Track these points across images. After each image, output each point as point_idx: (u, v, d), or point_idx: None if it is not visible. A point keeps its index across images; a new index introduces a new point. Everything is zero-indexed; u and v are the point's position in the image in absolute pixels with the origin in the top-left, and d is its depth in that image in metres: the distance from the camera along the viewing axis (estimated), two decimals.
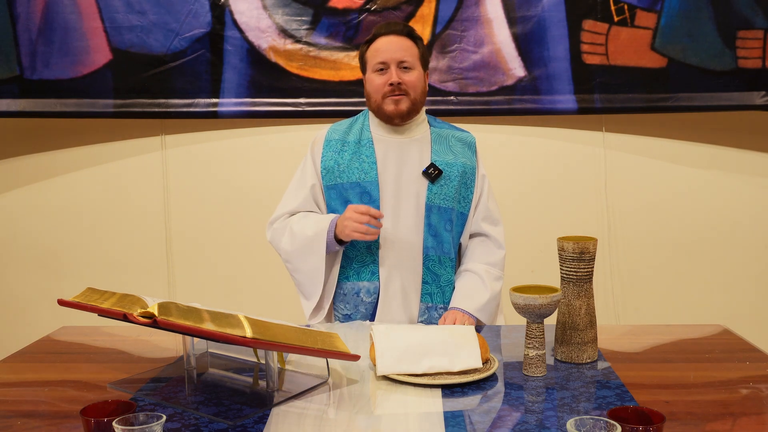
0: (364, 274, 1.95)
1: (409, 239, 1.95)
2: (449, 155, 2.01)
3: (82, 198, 3.03)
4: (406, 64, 1.95)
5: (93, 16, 2.81)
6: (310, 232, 1.91)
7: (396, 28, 1.98)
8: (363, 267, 1.95)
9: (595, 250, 1.53)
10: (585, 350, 1.54)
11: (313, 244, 1.91)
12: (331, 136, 2.03)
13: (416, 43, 1.99)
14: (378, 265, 1.94)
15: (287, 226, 1.98)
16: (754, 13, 2.70)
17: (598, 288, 2.84)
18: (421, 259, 1.95)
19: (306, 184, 2.01)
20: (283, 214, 2.02)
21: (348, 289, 1.97)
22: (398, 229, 1.95)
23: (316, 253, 1.91)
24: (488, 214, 2.06)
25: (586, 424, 1.03)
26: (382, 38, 1.97)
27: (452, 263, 1.99)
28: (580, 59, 2.78)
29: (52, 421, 1.27)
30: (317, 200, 2.01)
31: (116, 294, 1.43)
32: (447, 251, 1.97)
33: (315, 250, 1.91)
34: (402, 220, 1.96)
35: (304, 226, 1.94)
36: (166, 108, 2.86)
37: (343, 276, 1.97)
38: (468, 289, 1.96)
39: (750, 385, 1.41)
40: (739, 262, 2.98)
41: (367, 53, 1.99)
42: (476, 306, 1.91)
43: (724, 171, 2.95)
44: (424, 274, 1.95)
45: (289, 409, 1.30)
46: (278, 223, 2.02)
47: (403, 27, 1.99)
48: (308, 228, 1.93)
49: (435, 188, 1.96)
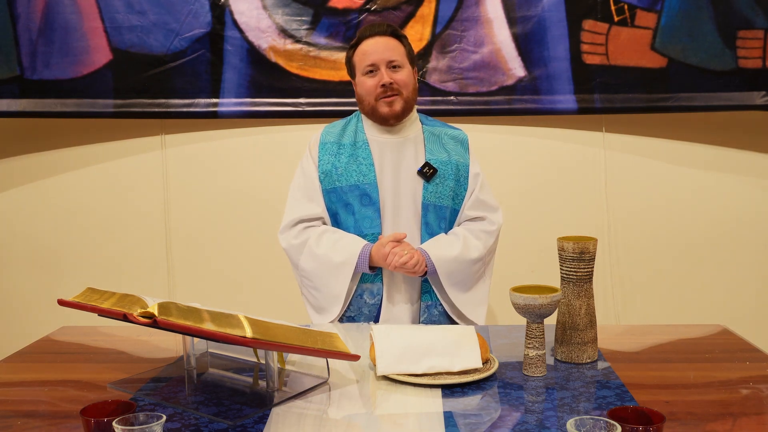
0: (368, 276, 1.96)
1: (408, 238, 1.95)
2: (443, 153, 2.01)
3: (82, 198, 3.03)
4: (395, 63, 1.95)
5: (93, 16, 2.81)
6: (338, 259, 1.90)
7: (380, 29, 1.98)
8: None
9: (595, 250, 1.53)
10: (585, 350, 1.54)
11: (340, 271, 1.90)
12: (326, 138, 2.03)
13: (401, 42, 1.99)
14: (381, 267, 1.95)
15: (306, 243, 1.95)
16: (755, 13, 2.70)
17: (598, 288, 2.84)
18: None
19: (314, 186, 2.00)
20: (295, 220, 1.99)
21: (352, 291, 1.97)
22: (398, 229, 1.96)
23: (342, 281, 1.91)
24: (479, 203, 2.05)
25: (586, 424, 1.03)
26: (368, 40, 1.97)
27: None
28: (580, 59, 2.78)
29: (52, 421, 1.28)
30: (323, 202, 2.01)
31: (116, 294, 1.43)
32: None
33: (341, 277, 1.91)
34: (401, 220, 1.97)
35: (329, 249, 1.92)
36: (166, 108, 2.86)
37: None
38: (441, 240, 1.97)
39: (750, 385, 1.41)
40: (739, 262, 2.98)
41: (354, 57, 1.99)
42: (439, 255, 1.91)
43: (725, 171, 2.94)
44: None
45: (289, 409, 1.30)
46: (294, 234, 1.98)
47: (386, 27, 1.99)
48: (335, 254, 1.91)
49: (431, 187, 1.97)
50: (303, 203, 2.00)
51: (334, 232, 1.98)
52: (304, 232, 1.98)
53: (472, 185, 2.06)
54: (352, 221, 1.96)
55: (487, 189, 2.07)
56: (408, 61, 1.99)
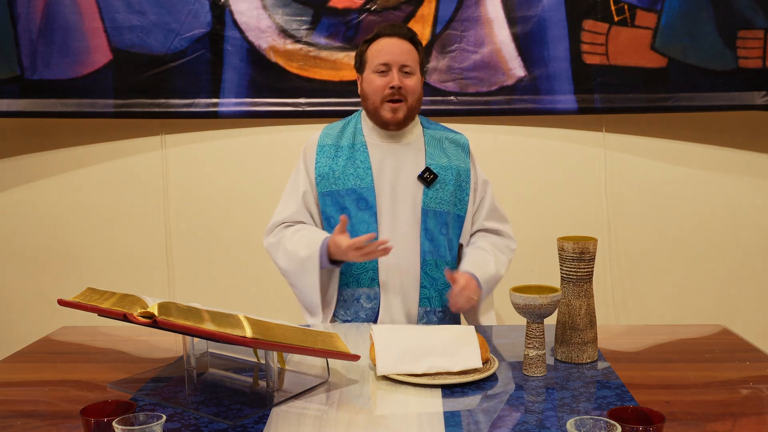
0: (364, 280, 1.95)
1: (406, 244, 1.95)
2: (443, 158, 2.01)
3: (82, 198, 3.03)
4: (407, 69, 1.94)
5: (93, 16, 2.81)
6: (303, 253, 1.90)
7: (401, 31, 1.97)
8: (362, 273, 1.95)
9: (595, 250, 1.53)
10: (585, 350, 1.54)
11: (306, 265, 1.90)
12: (324, 141, 2.02)
13: (417, 49, 1.98)
14: (377, 271, 1.94)
15: (281, 242, 1.97)
16: (755, 13, 2.70)
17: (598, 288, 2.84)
18: (419, 264, 1.95)
19: (298, 192, 2.00)
20: (278, 222, 2.01)
21: (348, 295, 1.97)
22: (396, 235, 1.95)
23: (310, 274, 1.91)
24: (495, 213, 2.07)
25: (586, 424, 1.03)
26: (386, 39, 1.95)
27: (448, 266, 1.99)
28: (580, 59, 2.78)
29: (52, 421, 1.28)
30: (309, 208, 2.01)
31: (116, 294, 1.43)
32: (443, 255, 1.97)
33: (308, 270, 1.91)
34: (399, 225, 1.96)
35: (296, 244, 1.93)
36: (166, 108, 2.86)
37: (343, 282, 1.97)
38: (479, 259, 1.97)
39: (750, 385, 1.41)
40: (739, 262, 2.97)
41: (368, 52, 1.97)
42: (484, 276, 1.92)
43: (725, 171, 2.94)
44: (422, 278, 1.95)
45: (289, 409, 1.30)
46: (274, 234, 2.01)
47: (407, 31, 1.98)
48: (300, 248, 1.91)
49: (431, 192, 1.96)
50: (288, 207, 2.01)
51: (308, 229, 1.97)
52: (280, 231, 1.99)
53: (482, 192, 2.06)
54: (348, 225, 1.95)
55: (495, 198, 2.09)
56: (419, 69, 1.98)
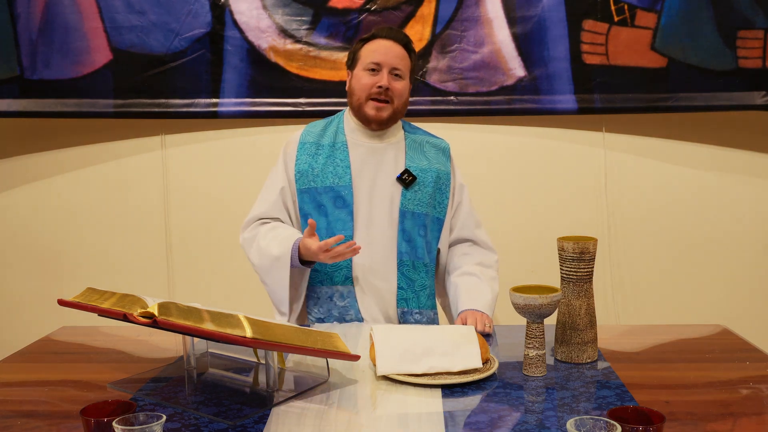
0: (338, 277, 1.95)
1: (382, 244, 1.95)
2: (423, 161, 2.02)
3: (82, 198, 3.03)
4: (398, 72, 1.96)
5: (93, 16, 2.81)
6: (275, 252, 1.90)
7: (398, 35, 2.00)
8: (336, 271, 1.95)
9: (595, 250, 1.54)
10: (585, 350, 1.54)
11: (277, 264, 1.90)
12: (306, 138, 2.04)
13: (410, 56, 2.02)
14: (351, 270, 1.94)
15: (255, 238, 1.98)
16: (755, 13, 2.70)
17: (598, 288, 2.84)
18: (395, 265, 1.95)
19: (276, 187, 2.01)
20: (254, 218, 2.02)
21: (322, 293, 1.97)
22: (372, 234, 1.95)
23: (281, 273, 1.90)
24: (471, 218, 2.07)
25: (586, 424, 1.03)
26: (382, 40, 1.98)
27: (426, 268, 1.99)
28: (580, 59, 2.78)
29: (52, 421, 1.28)
30: (286, 203, 2.01)
31: (116, 294, 1.43)
32: (421, 256, 1.97)
33: (280, 269, 1.90)
34: (376, 225, 1.96)
35: (269, 243, 1.93)
36: (166, 108, 2.86)
37: (317, 280, 1.97)
38: (472, 290, 1.96)
39: (750, 385, 1.41)
40: (739, 262, 2.98)
41: (362, 50, 2.00)
42: (484, 304, 1.91)
43: (725, 171, 2.94)
44: (399, 279, 1.95)
45: (289, 409, 1.30)
46: (249, 230, 2.01)
47: (403, 36, 2.01)
48: (273, 247, 1.91)
49: (409, 194, 1.97)
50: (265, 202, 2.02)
51: (282, 227, 1.97)
52: (256, 228, 2.00)
53: (459, 195, 2.06)
54: (325, 223, 1.95)
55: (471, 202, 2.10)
56: (409, 75, 2.01)
